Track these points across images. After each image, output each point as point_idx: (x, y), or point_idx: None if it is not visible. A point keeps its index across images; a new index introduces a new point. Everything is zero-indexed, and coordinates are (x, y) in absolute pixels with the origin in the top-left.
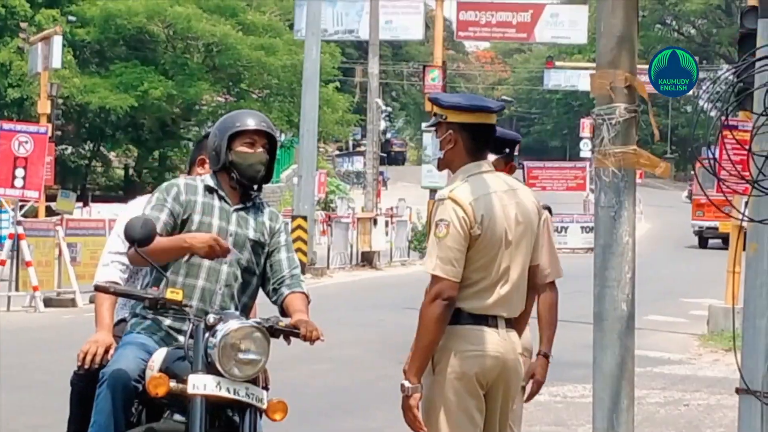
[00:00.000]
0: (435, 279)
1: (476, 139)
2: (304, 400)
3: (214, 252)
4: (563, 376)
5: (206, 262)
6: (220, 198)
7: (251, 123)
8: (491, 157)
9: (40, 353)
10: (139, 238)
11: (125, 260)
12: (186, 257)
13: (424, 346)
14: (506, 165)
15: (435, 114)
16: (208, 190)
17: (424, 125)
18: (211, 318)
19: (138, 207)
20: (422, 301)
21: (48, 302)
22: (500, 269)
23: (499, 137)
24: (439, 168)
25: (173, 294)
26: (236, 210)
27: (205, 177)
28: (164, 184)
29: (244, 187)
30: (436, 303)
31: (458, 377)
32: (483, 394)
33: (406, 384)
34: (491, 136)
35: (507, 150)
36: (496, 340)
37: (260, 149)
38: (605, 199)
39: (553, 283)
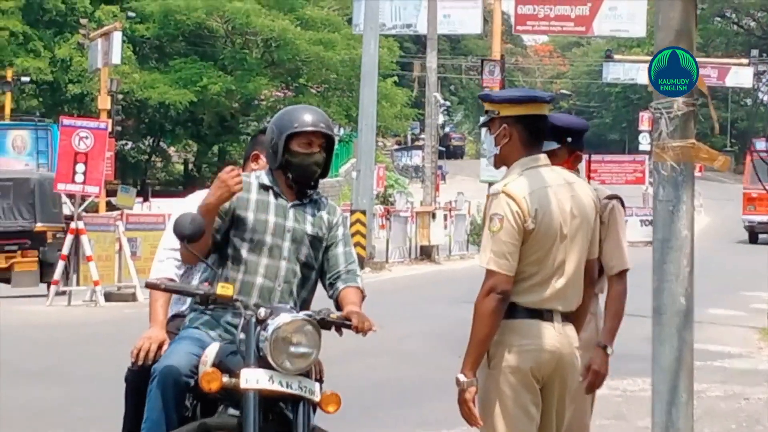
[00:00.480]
0: (489, 273)
1: (531, 131)
2: (361, 393)
3: (228, 184)
4: (623, 369)
5: (264, 260)
6: (276, 195)
7: (309, 122)
8: (552, 146)
9: (100, 347)
10: (188, 234)
11: (179, 256)
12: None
13: (479, 340)
14: (570, 155)
15: (487, 111)
16: (263, 187)
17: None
18: (262, 312)
19: (191, 203)
20: (477, 295)
21: (108, 296)
22: (555, 263)
23: (564, 126)
24: (496, 165)
25: (224, 289)
26: (293, 206)
27: (260, 174)
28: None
29: (299, 185)
30: (491, 297)
31: (513, 371)
32: (539, 389)
33: (461, 378)
34: (545, 126)
35: (569, 139)
36: (551, 335)
37: (317, 149)
38: (663, 193)
39: (621, 274)
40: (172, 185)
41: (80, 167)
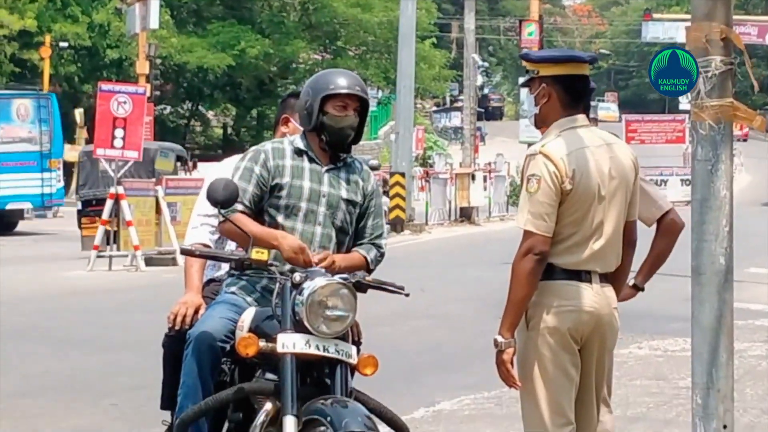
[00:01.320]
0: (526, 234)
1: (570, 92)
2: (402, 356)
3: (296, 261)
4: (663, 329)
5: (299, 226)
6: (311, 159)
7: (344, 85)
8: None
9: (140, 313)
10: (222, 200)
11: (214, 222)
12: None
13: (517, 301)
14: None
15: (527, 71)
16: (297, 152)
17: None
18: (297, 276)
19: (225, 168)
20: (514, 256)
21: (149, 261)
22: (593, 224)
23: None
24: (537, 125)
25: (259, 254)
26: (328, 170)
27: (294, 138)
28: (251, 151)
29: (333, 148)
30: (528, 258)
31: (552, 332)
32: (578, 350)
33: (499, 339)
34: (586, 87)
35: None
36: (590, 295)
37: (351, 113)
38: (702, 152)
39: (664, 218)
40: (211, 149)
41: (119, 132)
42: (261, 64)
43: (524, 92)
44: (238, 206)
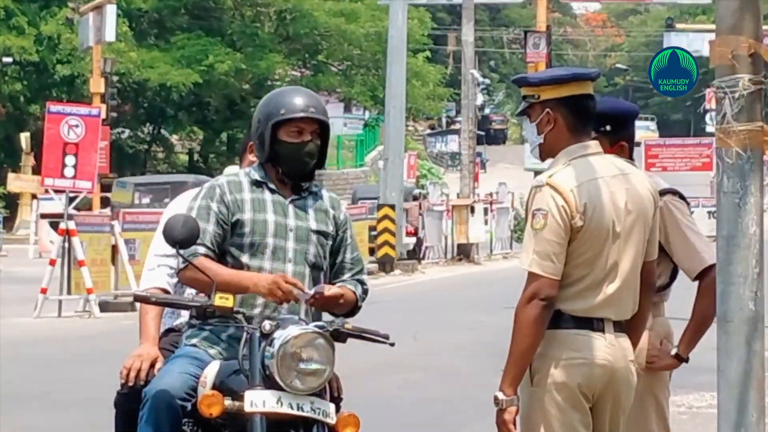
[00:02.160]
0: (531, 276)
1: (577, 114)
2: (392, 415)
3: (279, 296)
4: (687, 383)
5: (267, 264)
6: (271, 191)
7: (298, 108)
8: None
9: (94, 365)
10: (181, 239)
11: (173, 263)
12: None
13: (520, 353)
14: (613, 145)
15: (525, 97)
16: (255, 184)
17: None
18: (267, 325)
19: (182, 204)
20: (517, 301)
21: (104, 306)
22: (607, 265)
23: (600, 111)
24: (542, 157)
25: (222, 300)
26: (292, 201)
27: (249, 170)
28: (204, 188)
29: (292, 179)
30: (533, 304)
31: (559, 389)
32: (589, 408)
33: (500, 396)
34: (593, 107)
35: (608, 127)
36: (602, 347)
37: (308, 138)
38: (728, 183)
39: (705, 273)
40: None
41: (70, 159)
42: (232, 82)
43: (525, 122)
44: (200, 249)
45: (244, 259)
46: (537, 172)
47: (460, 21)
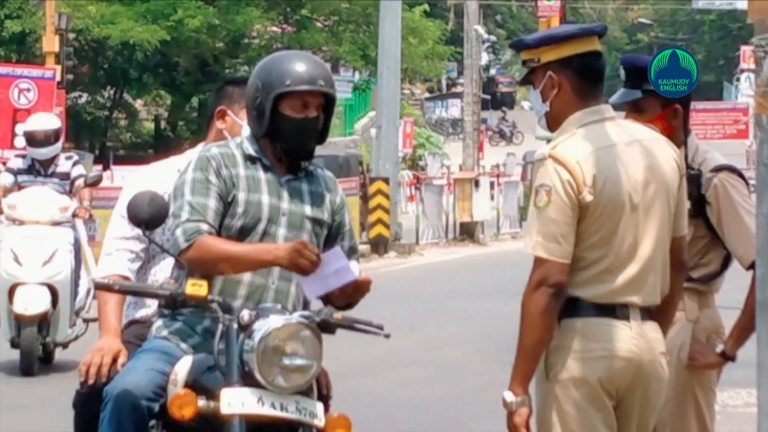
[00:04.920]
0: (537, 261)
1: (585, 74)
2: (387, 416)
3: (298, 263)
4: (723, 378)
5: None
6: (266, 168)
7: (305, 79)
8: (634, 96)
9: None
10: (147, 218)
11: (134, 246)
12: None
13: (529, 347)
14: (665, 108)
15: (524, 62)
16: (249, 159)
17: (519, 74)
18: (245, 315)
19: (151, 177)
20: (524, 289)
21: None
22: (626, 244)
23: (641, 66)
24: (550, 127)
25: (195, 288)
26: (288, 181)
27: (240, 141)
28: (194, 160)
29: (291, 156)
30: (541, 291)
31: (578, 384)
32: (612, 407)
33: (509, 397)
34: (602, 65)
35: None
36: (627, 337)
37: (314, 113)
38: None
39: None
40: (140, 148)
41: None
42: (203, 39)
43: (529, 91)
44: (203, 226)
45: None
46: (549, 141)
47: None
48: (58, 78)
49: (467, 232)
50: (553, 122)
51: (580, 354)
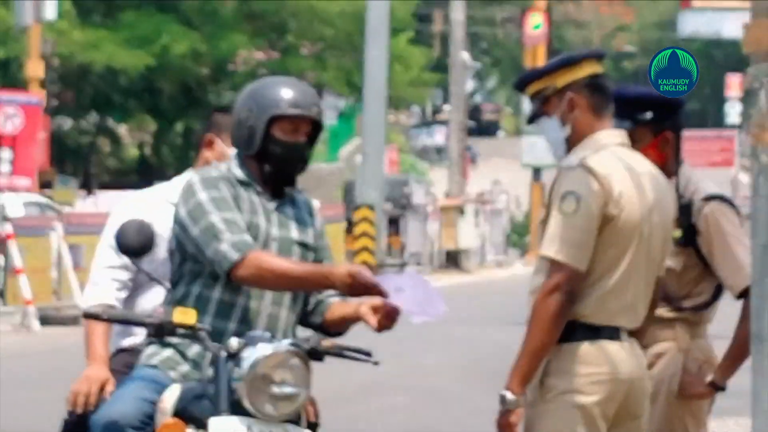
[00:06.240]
0: (556, 266)
1: (598, 93)
2: None
3: (359, 288)
4: (714, 407)
5: None
6: (258, 193)
7: (298, 104)
8: (624, 127)
9: (34, 388)
10: (136, 247)
11: (121, 275)
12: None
13: (536, 349)
14: (656, 136)
15: (536, 95)
16: (241, 183)
17: (524, 106)
18: (234, 343)
19: (131, 208)
20: (535, 295)
21: (45, 320)
22: (631, 267)
23: (636, 96)
24: (572, 151)
25: (183, 316)
26: (276, 207)
27: (230, 167)
28: (197, 182)
29: (277, 181)
30: (555, 296)
31: (576, 408)
32: (606, 428)
33: (508, 395)
34: (609, 84)
35: (648, 115)
36: (623, 358)
37: (303, 138)
38: (765, 185)
39: (747, 294)
40: (124, 174)
41: (6, 153)
42: (188, 65)
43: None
44: (247, 238)
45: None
46: (536, 168)
47: None
48: (43, 104)
49: (452, 259)
50: (573, 143)
51: (581, 378)
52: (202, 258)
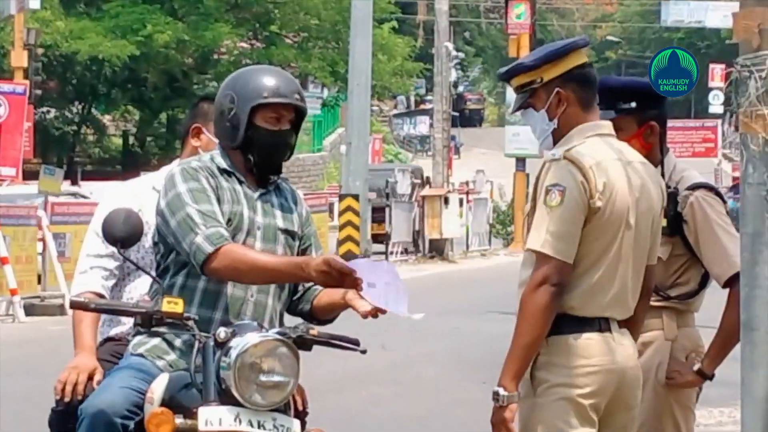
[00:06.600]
0: (542, 258)
1: (585, 85)
2: None
3: (336, 281)
4: (703, 396)
5: None
6: (240, 182)
7: (281, 93)
8: (609, 117)
9: (20, 378)
10: (123, 236)
11: (108, 264)
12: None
13: (526, 345)
14: (640, 126)
15: (521, 88)
16: (225, 172)
17: (508, 95)
18: (221, 332)
19: (118, 198)
20: (524, 288)
21: (30, 309)
22: (618, 258)
23: (620, 87)
24: (558, 143)
25: (171, 305)
26: (261, 195)
27: (213, 156)
28: (177, 174)
29: (262, 170)
30: (543, 289)
31: (567, 401)
32: (597, 419)
33: (501, 391)
34: (595, 75)
35: (633, 104)
36: (613, 349)
37: (286, 126)
38: (754, 174)
39: (732, 282)
40: (108, 164)
41: None
42: (172, 55)
43: (527, 114)
44: (223, 230)
45: None
46: (519, 158)
47: None
48: (27, 93)
49: (436, 249)
50: (558, 138)
51: (571, 370)
52: (180, 249)
